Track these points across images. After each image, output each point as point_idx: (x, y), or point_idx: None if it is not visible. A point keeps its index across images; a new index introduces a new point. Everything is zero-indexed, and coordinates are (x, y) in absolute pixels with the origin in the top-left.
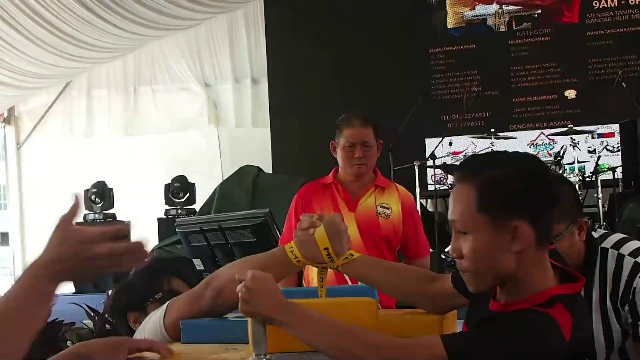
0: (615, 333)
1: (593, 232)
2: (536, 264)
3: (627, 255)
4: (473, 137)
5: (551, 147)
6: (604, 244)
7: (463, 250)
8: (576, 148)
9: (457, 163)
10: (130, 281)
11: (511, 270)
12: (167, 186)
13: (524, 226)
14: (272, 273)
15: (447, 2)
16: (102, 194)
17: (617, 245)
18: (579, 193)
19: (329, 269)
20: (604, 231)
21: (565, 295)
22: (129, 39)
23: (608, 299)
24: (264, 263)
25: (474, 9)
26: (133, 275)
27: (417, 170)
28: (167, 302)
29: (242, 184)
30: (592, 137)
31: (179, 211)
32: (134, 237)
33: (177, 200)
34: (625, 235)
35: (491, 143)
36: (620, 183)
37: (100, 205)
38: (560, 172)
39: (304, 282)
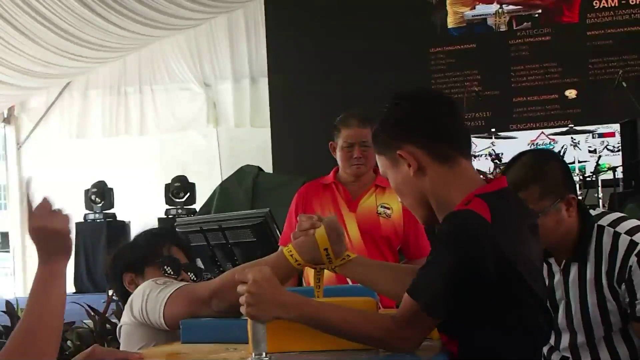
0: (612, 311)
1: (591, 210)
2: (448, 177)
3: (624, 233)
4: (473, 137)
5: (552, 146)
6: (600, 222)
7: None
8: (577, 148)
9: None
10: (133, 242)
11: (427, 192)
12: (167, 186)
13: (410, 150)
14: None
15: (448, 1)
16: (102, 194)
17: (614, 223)
18: (579, 192)
19: (325, 270)
20: (603, 209)
21: (484, 192)
22: (131, 38)
23: (604, 276)
24: None
25: (474, 8)
26: (136, 237)
27: None
28: (169, 290)
29: (242, 184)
30: (593, 137)
31: (179, 211)
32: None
33: (177, 200)
34: (622, 214)
35: (491, 143)
36: (620, 183)
37: (100, 205)
38: None
39: (303, 282)
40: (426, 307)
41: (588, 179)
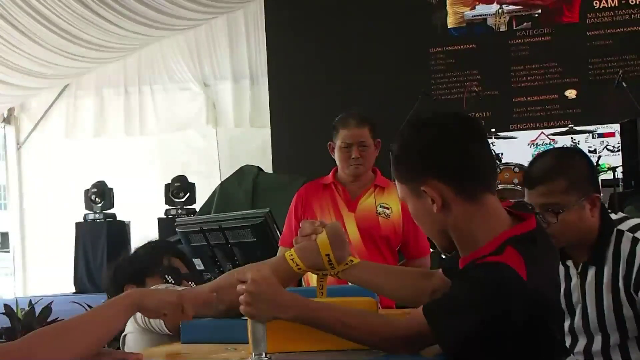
0: (628, 318)
1: (612, 214)
2: (473, 214)
3: None
4: None
5: (551, 147)
6: (620, 226)
7: None
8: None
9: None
10: (134, 253)
11: (450, 227)
12: (167, 186)
13: (435, 185)
14: None
15: (448, 1)
16: (102, 194)
17: (634, 229)
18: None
19: (328, 275)
20: (623, 214)
21: (515, 238)
22: (131, 38)
23: (621, 281)
24: None
25: (474, 8)
26: (137, 248)
27: None
28: None
29: (242, 184)
30: (593, 137)
31: (179, 211)
32: (134, 238)
33: (177, 200)
34: None
35: (491, 143)
36: (620, 183)
37: (100, 205)
38: None
39: (303, 283)
40: (437, 336)
41: None
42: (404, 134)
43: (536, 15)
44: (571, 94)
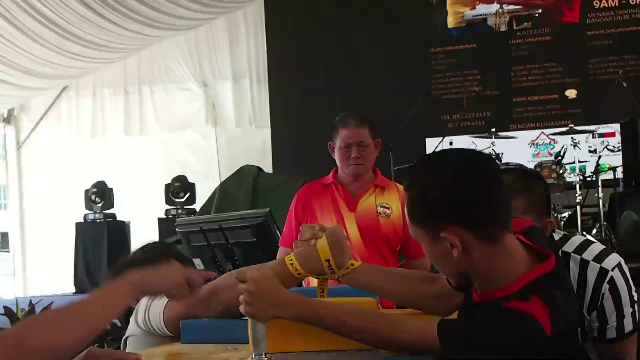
0: None
1: (554, 234)
2: (493, 256)
3: (592, 261)
4: (473, 137)
5: (552, 146)
6: (565, 248)
7: None
8: (577, 148)
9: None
10: (131, 256)
11: (468, 269)
12: (167, 186)
13: (455, 231)
14: None
15: (448, 1)
16: (102, 194)
17: (579, 249)
18: (579, 192)
19: (329, 279)
20: (564, 232)
21: (538, 282)
22: (132, 38)
23: None
24: None
25: (475, 8)
26: (135, 252)
27: None
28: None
29: (242, 184)
30: (593, 137)
31: (179, 211)
32: (135, 237)
33: (177, 200)
34: (585, 237)
35: (492, 143)
36: (620, 183)
37: (100, 205)
38: (561, 172)
39: (303, 283)
40: (445, 357)
41: (588, 179)
42: (418, 176)
43: (536, 15)
44: (571, 93)
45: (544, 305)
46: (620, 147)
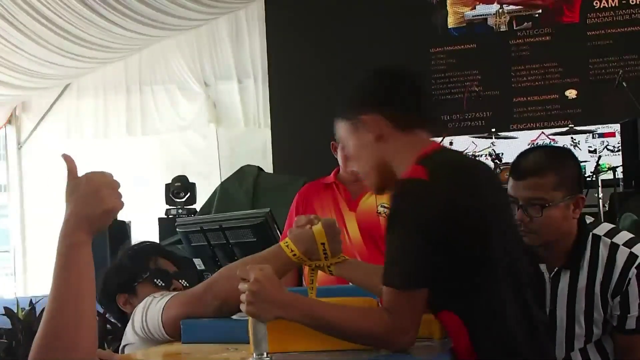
0: (597, 322)
1: (585, 217)
2: (407, 147)
3: (622, 245)
4: (473, 137)
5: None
6: (595, 231)
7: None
8: (577, 148)
9: None
10: (118, 263)
11: (385, 159)
12: (167, 186)
13: (374, 117)
14: None
15: (448, 1)
16: None
17: (610, 234)
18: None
19: (319, 271)
20: (594, 219)
21: (422, 157)
22: (132, 38)
23: (597, 286)
24: (260, 262)
25: (475, 8)
26: (121, 257)
27: None
28: (165, 299)
29: (242, 184)
30: (593, 137)
31: (180, 211)
32: (135, 237)
33: (177, 200)
34: (614, 225)
35: (492, 143)
36: (621, 183)
37: None
38: None
39: (303, 282)
40: (401, 285)
41: (588, 179)
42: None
43: (536, 15)
44: (571, 94)
45: (420, 167)
46: (620, 147)
